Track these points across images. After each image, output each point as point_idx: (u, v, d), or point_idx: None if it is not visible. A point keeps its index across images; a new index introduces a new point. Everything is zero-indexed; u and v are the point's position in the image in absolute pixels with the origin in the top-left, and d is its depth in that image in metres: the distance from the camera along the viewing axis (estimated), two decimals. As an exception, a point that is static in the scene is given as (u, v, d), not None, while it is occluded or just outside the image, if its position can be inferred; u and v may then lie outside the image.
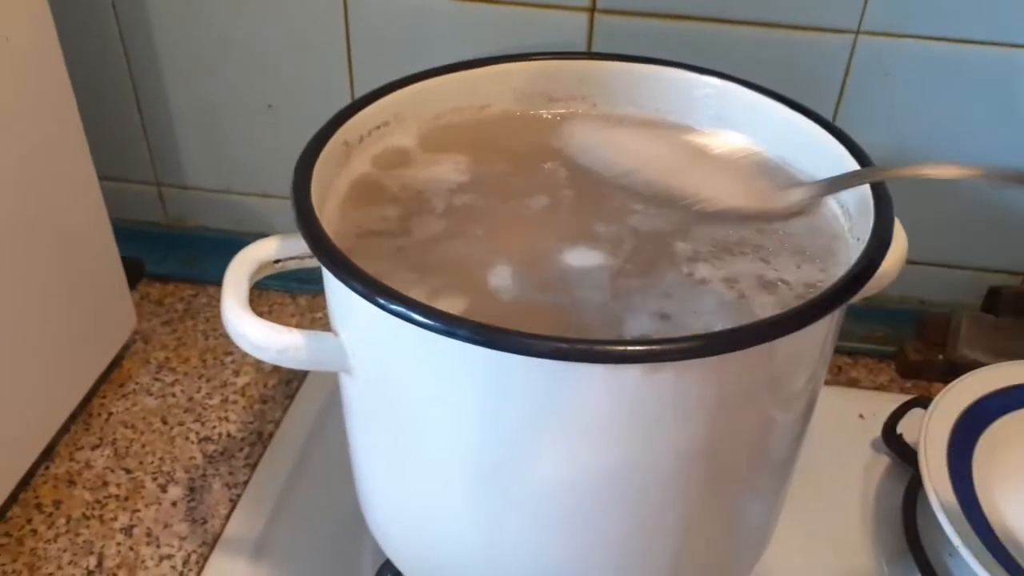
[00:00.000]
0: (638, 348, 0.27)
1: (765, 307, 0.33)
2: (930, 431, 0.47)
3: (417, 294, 0.30)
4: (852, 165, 0.37)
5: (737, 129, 0.42)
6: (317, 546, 0.48)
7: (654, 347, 0.27)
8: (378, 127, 0.41)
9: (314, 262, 0.37)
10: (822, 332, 0.33)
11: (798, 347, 0.32)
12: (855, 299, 0.31)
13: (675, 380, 0.28)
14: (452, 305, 0.31)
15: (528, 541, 0.34)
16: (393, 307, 0.29)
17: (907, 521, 0.49)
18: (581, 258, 0.34)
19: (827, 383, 0.60)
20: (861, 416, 0.57)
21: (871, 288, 0.38)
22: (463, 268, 0.34)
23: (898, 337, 0.63)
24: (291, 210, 0.33)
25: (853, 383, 0.61)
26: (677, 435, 0.30)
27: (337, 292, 0.33)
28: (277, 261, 0.38)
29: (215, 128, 0.63)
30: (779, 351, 0.30)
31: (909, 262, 0.63)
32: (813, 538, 0.49)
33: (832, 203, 0.38)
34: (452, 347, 0.28)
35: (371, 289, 0.29)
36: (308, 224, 0.32)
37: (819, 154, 0.39)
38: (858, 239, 0.35)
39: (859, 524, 0.50)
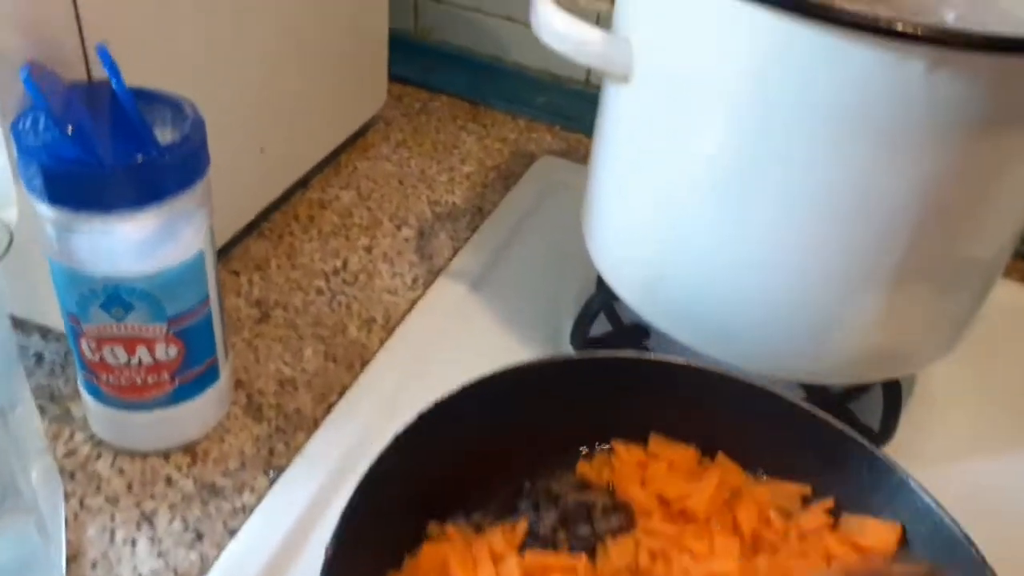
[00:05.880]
0: (930, 32, 0.30)
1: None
2: None
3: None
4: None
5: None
6: (527, 285, 0.54)
7: (944, 33, 0.30)
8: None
9: None
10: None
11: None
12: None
13: (950, 80, 0.31)
14: None
15: (758, 240, 0.38)
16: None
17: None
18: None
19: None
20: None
21: None
22: None
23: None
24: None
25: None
26: (936, 148, 0.33)
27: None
28: None
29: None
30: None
31: None
32: (988, 388, 0.51)
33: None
34: (755, 19, 0.33)
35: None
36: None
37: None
38: None
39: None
